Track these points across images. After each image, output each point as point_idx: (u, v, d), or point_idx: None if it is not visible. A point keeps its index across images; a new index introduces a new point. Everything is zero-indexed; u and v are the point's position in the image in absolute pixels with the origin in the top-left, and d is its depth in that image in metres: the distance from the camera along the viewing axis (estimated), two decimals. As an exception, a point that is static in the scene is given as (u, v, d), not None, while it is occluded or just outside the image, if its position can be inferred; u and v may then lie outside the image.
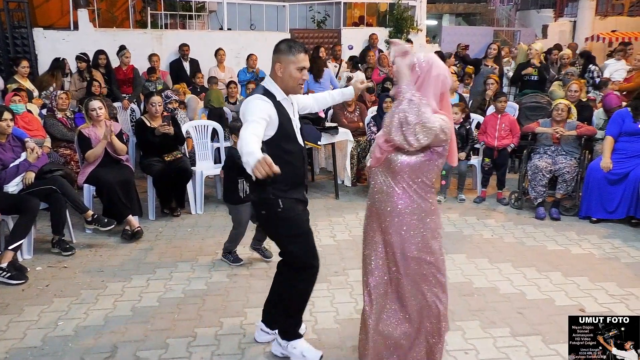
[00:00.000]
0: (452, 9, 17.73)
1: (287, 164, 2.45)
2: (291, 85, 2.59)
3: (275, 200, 2.57)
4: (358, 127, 6.32)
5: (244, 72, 8.07)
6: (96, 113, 4.62)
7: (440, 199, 5.66)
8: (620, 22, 14.71)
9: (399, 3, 10.87)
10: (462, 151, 5.76)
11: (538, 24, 14.92)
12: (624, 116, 5.01)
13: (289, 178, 2.54)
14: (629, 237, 4.67)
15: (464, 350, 2.93)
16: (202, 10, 10.93)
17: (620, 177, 4.85)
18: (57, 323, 3.21)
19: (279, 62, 2.55)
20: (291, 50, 2.53)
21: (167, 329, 3.14)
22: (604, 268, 4.02)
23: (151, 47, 8.82)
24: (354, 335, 3.06)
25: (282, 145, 2.55)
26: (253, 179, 2.10)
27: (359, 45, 10.29)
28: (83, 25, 8.75)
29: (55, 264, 4.09)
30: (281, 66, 2.54)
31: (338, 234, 4.76)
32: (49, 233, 4.39)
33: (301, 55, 2.55)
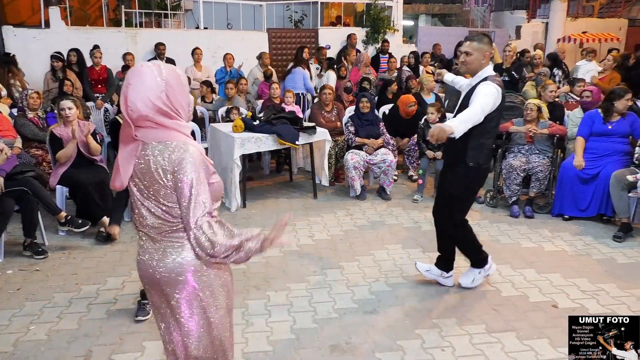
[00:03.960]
0: (428, 10, 17.86)
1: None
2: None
3: (479, 170, 3.41)
4: (336, 127, 6.33)
5: (222, 71, 8.01)
6: (65, 113, 4.53)
7: (417, 198, 5.72)
8: (591, 23, 15.05)
9: (375, 3, 10.93)
10: (438, 150, 5.83)
11: (512, 25, 15.15)
12: (594, 117, 5.13)
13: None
14: (600, 234, 4.79)
15: (440, 348, 2.96)
16: (177, 9, 10.80)
17: (592, 177, 4.97)
18: (29, 327, 3.14)
19: (489, 51, 3.29)
20: (491, 43, 3.35)
21: (143, 331, 3.10)
22: (576, 264, 4.11)
23: (125, 46, 8.68)
24: (333, 334, 3.08)
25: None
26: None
27: (336, 45, 10.33)
28: (54, 23, 8.56)
29: (27, 267, 4.00)
30: (489, 55, 3.29)
31: (316, 233, 4.77)
32: (20, 236, 4.29)
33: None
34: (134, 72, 1.78)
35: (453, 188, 3.45)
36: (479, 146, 3.31)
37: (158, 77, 1.75)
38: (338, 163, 6.26)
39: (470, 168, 3.34)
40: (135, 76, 1.75)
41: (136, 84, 1.74)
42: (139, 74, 1.75)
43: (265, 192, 6.12)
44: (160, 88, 1.74)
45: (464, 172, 3.38)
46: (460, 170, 3.39)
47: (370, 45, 10.75)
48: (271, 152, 6.70)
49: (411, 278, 3.85)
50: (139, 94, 1.73)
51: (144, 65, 1.80)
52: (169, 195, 1.76)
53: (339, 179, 6.41)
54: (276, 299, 3.52)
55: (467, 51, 3.29)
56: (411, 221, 5.11)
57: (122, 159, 1.81)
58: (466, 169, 3.36)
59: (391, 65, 8.88)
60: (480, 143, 3.31)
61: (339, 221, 5.10)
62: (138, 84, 1.74)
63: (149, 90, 1.73)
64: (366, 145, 5.82)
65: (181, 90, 1.81)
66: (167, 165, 1.73)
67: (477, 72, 3.33)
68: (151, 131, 1.77)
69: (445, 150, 3.54)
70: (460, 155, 3.35)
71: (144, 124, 1.76)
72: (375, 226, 4.98)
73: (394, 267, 4.05)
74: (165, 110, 1.75)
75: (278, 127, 5.43)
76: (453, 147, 3.38)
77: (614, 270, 4.01)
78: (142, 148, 1.78)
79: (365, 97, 6.04)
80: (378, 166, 5.77)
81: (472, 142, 3.29)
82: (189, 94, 1.89)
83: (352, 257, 4.24)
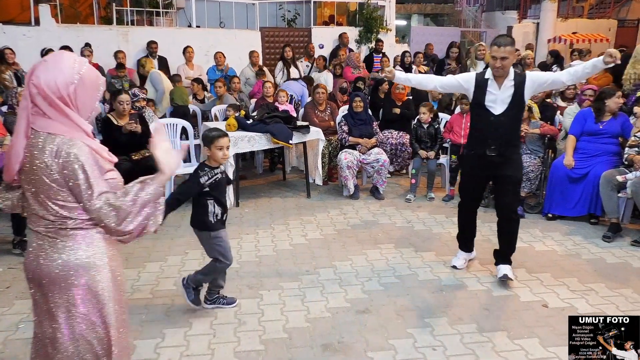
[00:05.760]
0: (421, 10, 17.92)
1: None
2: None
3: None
4: (329, 126, 6.34)
5: (213, 71, 7.98)
6: None
7: (410, 198, 5.74)
8: (580, 24, 15.19)
9: (368, 3, 10.94)
10: (431, 150, 5.85)
11: (503, 25, 15.25)
12: (587, 116, 5.14)
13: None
14: (590, 234, 4.83)
15: (432, 347, 2.98)
16: (169, 7, 10.75)
17: (581, 176, 5.00)
18: (18, 326, 3.11)
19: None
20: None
21: (134, 330, 3.08)
22: (566, 264, 4.15)
23: (117, 44, 8.62)
24: (325, 334, 3.08)
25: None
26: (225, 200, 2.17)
27: (329, 44, 10.33)
28: (45, 20, 8.47)
29: (16, 265, 3.96)
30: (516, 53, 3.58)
31: (310, 232, 4.77)
32: (9, 234, 4.26)
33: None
34: (57, 54, 1.80)
35: (518, 173, 3.76)
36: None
37: (77, 69, 1.75)
38: (331, 162, 6.27)
39: (520, 154, 3.77)
40: (56, 57, 1.77)
41: (52, 63, 1.74)
42: (59, 57, 1.76)
43: (259, 191, 6.11)
44: (72, 79, 1.73)
45: (519, 159, 3.82)
46: (517, 158, 3.76)
47: (364, 44, 10.76)
48: (264, 151, 6.69)
49: (404, 277, 3.87)
50: (49, 72, 1.71)
51: (70, 54, 1.80)
52: (57, 192, 1.72)
53: (332, 179, 6.42)
54: (269, 298, 3.51)
55: (505, 56, 3.40)
56: (404, 220, 5.13)
57: (14, 139, 1.76)
58: (520, 155, 3.83)
59: (384, 64, 8.90)
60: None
61: (332, 220, 5.10)
62: (54, 64, 1.73)
63: (60, 73, 1.72)
64: (359, 145, 5.83)
65: (92, 94, 1.80)
66: (51, 160, 1.69)
67: (509, 71, 3.53)
68: (46, 120, 1.73)
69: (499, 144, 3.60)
70: (517, 143, 3.76)
71: (38, 103, 1.71)
72: (368, 225, 4.99)
73: (386, 266, 4.07)
74: (66, 100, 1.73)
75: (271, 126, 5.42)
76: (512, 136, 3.66)
77: (603, 270, 4.05)
78: (33, 135, 1.74)
79: (359, 96, 6.05)
80: (371, 165, 5.79)
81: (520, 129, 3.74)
82: (97, 103, 1.87)
83: (345, 256, 4.25)
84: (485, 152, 3.61)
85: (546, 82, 3.57)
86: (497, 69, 3.44)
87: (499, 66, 3.41)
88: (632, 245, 4.53)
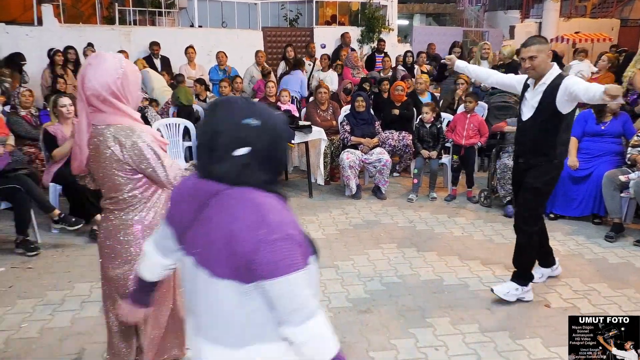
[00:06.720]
0: (423, 9, 17.94)
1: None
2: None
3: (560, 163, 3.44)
4: (331, 126, 6.33)
5: (216, 71, 7.98)
6: (66, 109, 4.51)
7: (412, 198, 5.73)
8: (583, 23, 15.15)
9: (370, 2, 10.93)
10: (433, 150, 5.84)
11: (505, 25, 15.25)
12: (587, 117, 5.14)
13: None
14: (592, 234, 4.81)
15: (434, 347, 2.97)
16: (172, 7, 10.76)
17: (584, 177, 4.99)
18: (21, 325, 3.12)
19: (549, 48, 3.39)
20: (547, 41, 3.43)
21: (136, 330, 3.08)
22: (569, 264, 4.13)
23: (119, 44, 8.64)
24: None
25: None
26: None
27: (331, 44, 10.32)
28: (47, 20, 8.49)
29: (19, 264, 3.98)
30: (551, 53, 3.47)
31: (312, 232, 4.76)
32: (12, 233, 4.26)
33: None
34: (98, 55, 2.05)
35: (536, 181, 3.42)
36: (566, 141, 3.44)
37: (118, 65, 2.00)
38: (333, 162, 6.26)
39: (554, 163, 3.40)
40: (98, 58, 2.01)
41: (97, 65, 1.98)
42: (102, 59, 2.01)
43: (260, 190, 6.10)
44: (117, 74, 1.99)
45: (548, 168, 3.40)
46: (545, 166, 3.40)
47: (366, 44, 10.76)
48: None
49: (405, 277, 3.86)
50: (96, 73, 1.97)
51: (109, 54, 2.06)
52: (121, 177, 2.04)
53: (334, 178, 6.41)
54: (270, 298, 3.51)
55: (533, 55, 3.26)
56: (406, 220, 5.12)
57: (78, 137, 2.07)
58: (551, 164, 3.40)
59: (386, 64, 8.89)
60: (567, 138, 3.44)
61: (334, 220, 5.10)
62: (99, 65, 1.98)
63: (106, 72, 1.97)
64: (362, 145, 5.83)
65: (135, 84, 2.08)
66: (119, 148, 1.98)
67: (545, 73, 3.31)
68: (100, 115, 2.00)
69: (523, 150, 3.50)
70: (548, 152, 3.37)
71: (94, 103, 1.99)
72: (370, 225, 4.98)
73: (388, 266, 4.06)
74: (117, 94, 1.99)
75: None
76: (539, 144, 3.39)
77: (606, 270, 4.03)
78: (93, 131, 2.03)
79: (361, 96, 6.05)
80: (373, 165, 5.78)
81: (561, 138, 3.35)
82: (140, 91, 2.17)
83: (347, 256, 4.25)
84: (517, 159, 3.55)
85: (572, 92, 3.26)
86: (527, 69, 3.35)
87: (528, 66, 3.31)
88: (635, 245, 4.51)
